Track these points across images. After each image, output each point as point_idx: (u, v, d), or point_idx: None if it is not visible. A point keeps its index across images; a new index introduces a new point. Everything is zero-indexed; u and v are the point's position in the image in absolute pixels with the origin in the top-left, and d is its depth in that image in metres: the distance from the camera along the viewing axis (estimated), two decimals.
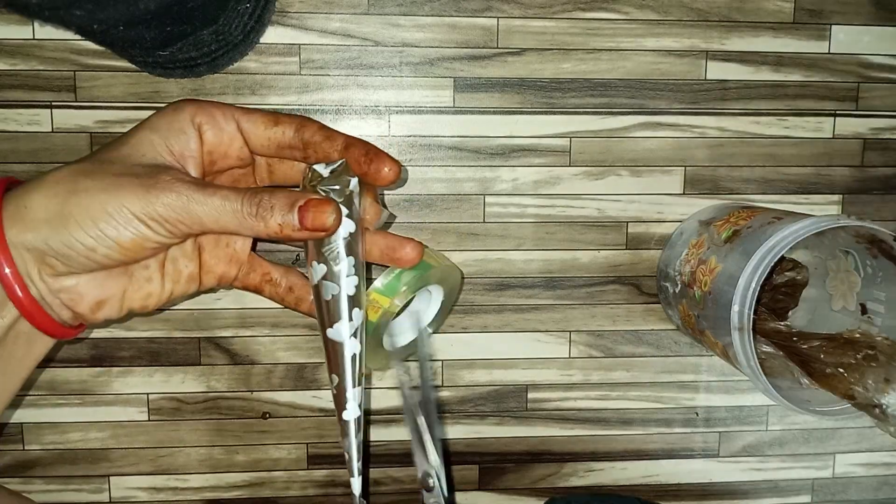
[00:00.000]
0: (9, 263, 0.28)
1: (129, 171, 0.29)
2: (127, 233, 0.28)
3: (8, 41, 0.41)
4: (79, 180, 0.28)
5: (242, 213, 0.29)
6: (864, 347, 0.41)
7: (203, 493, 0.47)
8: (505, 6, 0.44)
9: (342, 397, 0.32)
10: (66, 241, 0.28)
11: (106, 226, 0.28)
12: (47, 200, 0.28)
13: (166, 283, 0.33)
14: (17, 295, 0.28)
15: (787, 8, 0.45)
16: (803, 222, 0.36)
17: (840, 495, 0.51)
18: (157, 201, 0.28)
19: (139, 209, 0.28)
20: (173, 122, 0.31)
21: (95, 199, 0.28)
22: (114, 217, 0.28)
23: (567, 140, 0.45)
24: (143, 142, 0.30)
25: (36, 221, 0.28)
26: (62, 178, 0.28)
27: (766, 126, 0.46)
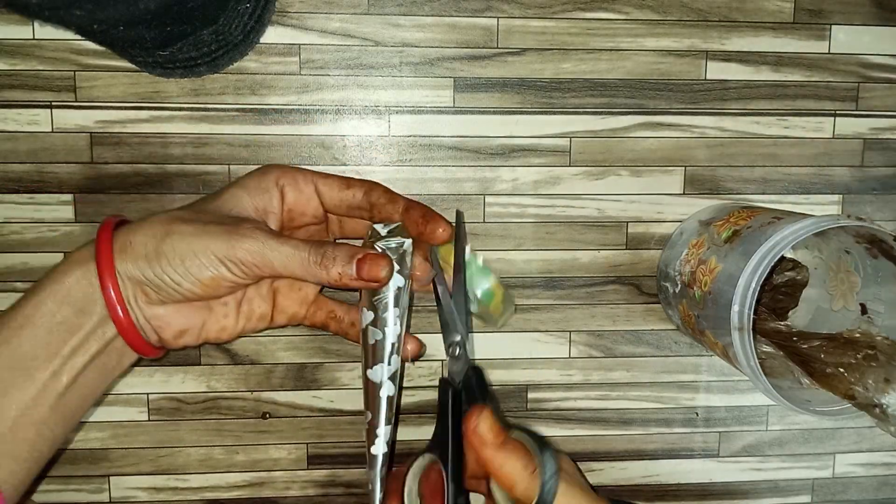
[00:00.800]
0: (115, 288, 0.32)
1: (217, 220, 0.34)
2: (208, 272, 0.33)
3: (8, 41, 0.41)
4: (174, 224, 0.33)
5: (308, 262, 0.33)
6: (865, 347, 0.41)
7: (203, 493, 0.47)
8: (505, 6, 0.44)
9: (373, 433, 0.37)
10: (158, 274, 0.32)
11: (191, 264, 0.32)
12: (146, 239, 0.33)
13: (240, 320, 0.37)
14: (118, 315, 0.32)
15: (787, 8, 0.45)
16: (803, 222, 0.36)
17: (840, 495, 0.51)
18: (238, 245, 0.32)
19: (221, 251, 0.32)
20: (260, 182, 0.36)
21: (185, 240, 0.32)
22: (198, 257, 0.32)
23: (567, 140, 0.45)
24: (233, 197, 0.36)
25: (137, 255, 0.32)
26: (161, 222, 0.33)
27: (766, 126, 0.46)
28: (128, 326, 0.33)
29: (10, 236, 0.43)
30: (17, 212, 0.43)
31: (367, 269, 0.34)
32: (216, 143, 0.43)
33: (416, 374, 0.47)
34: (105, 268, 0.32)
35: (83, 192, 0.43)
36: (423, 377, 0.47)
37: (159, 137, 0.43)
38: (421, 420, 0.47)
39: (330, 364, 0.46)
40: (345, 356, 0.46)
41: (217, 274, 0.33)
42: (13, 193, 0.43)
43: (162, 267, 0.32)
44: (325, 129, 0.44)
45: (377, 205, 0.37)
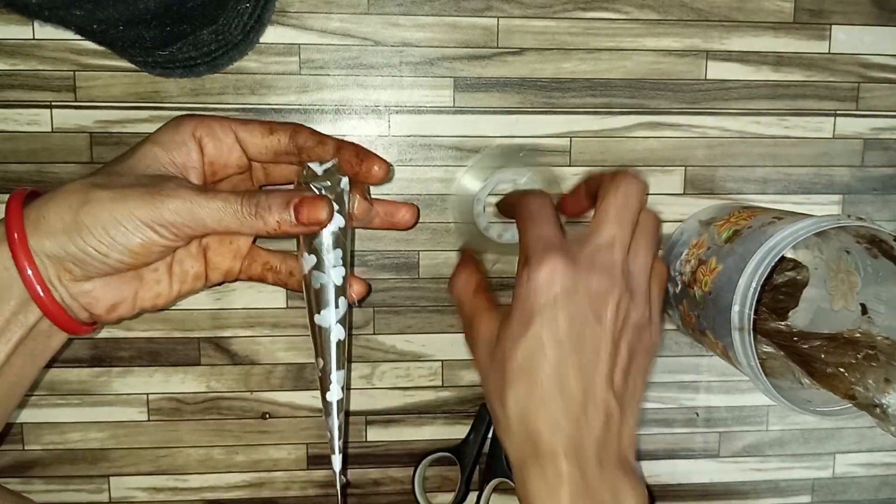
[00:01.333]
0: (32, 267, 0.30)
1: (135, 182, 0.31)
2: (136, 238, 0.30)
3: (8, 41, 0.41)
4: (89, 191, 0.30)
5: (242, 214, 0.31)
6: (865, 347, 0.41)
7: (203, 493, 0.47)
8: (505, 6, 0.44)
9: (326, 380, 0.36)
10: (81, 248, 0.30)
11: (116, 233, 0.30)
12: (62, 211, 0.30)
13: (174, 284, 0.35)
14: (39, 296, 0.30)
15: (788, 8, 0.45)
16: (803, 222, 0.36)
17: (840, 495, 0.51)
18: (163, 207, 0.30)
19: (146, 216, 0.30)
20: (175, 135, 0.34)
21: (105, 208, 0.30)
22: (123, 224, 0.30)
23: (567, 140, 0.45)
24: (147, 155, 0.33)
25: (53, 230, 0.30)
26: (75, 190, 0.30)
27: (766, 126, 0.46)
28: (53, 308, 0.31)
29: None
30: None
31: (307, 213, 0.32)
32: None
33: (416, 374, 0.47)
34: (19, 247, 0.30)
35: None
36: (422, 377, 0.47)
37: None
38: (421, 420, 0.47)
39: None
40: None
41: (146, 240, 0.31)
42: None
43: (84, 239, 0.30)
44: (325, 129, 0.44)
45: (305, 148, 0.35)
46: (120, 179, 0.31)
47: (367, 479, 0.47)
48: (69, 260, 0.30)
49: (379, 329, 0.46)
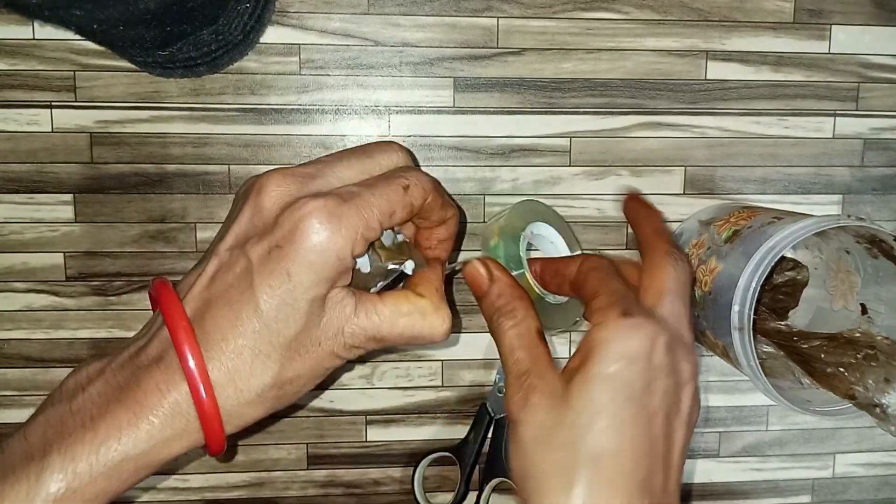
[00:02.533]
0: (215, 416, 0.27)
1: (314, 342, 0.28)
2: (329, 370, 0.30)
3: (8, 41, 0.41)
4: (285, 368, 0.28)
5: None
6: (865, 347, 0.41)
7: (203, 493, 0.47)
8: (505, 6, 0.44)
9: None
10: (279, 405, 0.29)
11: (314, 382, 0.30)
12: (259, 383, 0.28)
13: None
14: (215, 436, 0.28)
15: (788, 8, 0.45)
16: (803, 222, 0.36)
17: (840, 495, 0.51)
18: (349, 343, 0.29)
19: (337, 362, 0.29)
20: (335, 274, 0.28)
21: (303, 378, 0.29)
22: (322, 372, 0.29)
23: (567, 140, 0.45)
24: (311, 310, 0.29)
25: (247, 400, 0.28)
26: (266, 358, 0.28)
27: (766, 126, 0.46)
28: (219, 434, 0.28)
29: (9, 236, 0.43)
30: (17, 212, 0.43)
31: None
32: (216, 143, 0.43)
33: (416, 374, 0.47)
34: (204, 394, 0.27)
35: (83, 192, 0.43)
36: (422, 377, 0.47)
37: (159, 137, 0.43)
38: (421, 420, 0.47)
39: None
40: None
41: (337, 366, 0.30)
42: (13, 193, 0.43)
43: (287, 397, 0.29)
44: (325, 129, 0.44)
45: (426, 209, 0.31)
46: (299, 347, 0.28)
47: (367, 479, 0.47)
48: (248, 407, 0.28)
49: None
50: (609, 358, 0.27)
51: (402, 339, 0.30)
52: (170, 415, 0.26)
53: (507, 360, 0.30)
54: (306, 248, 0.27)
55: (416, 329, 0.30)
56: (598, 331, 0.27)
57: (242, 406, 0.28)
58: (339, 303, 0.28)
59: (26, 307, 0.44)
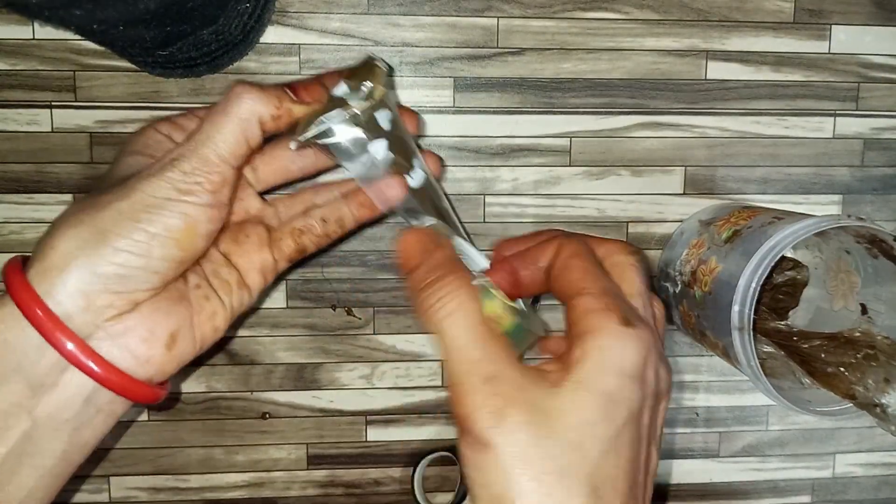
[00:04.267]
0: (51, 319, 0.24)
1: (136, 174, 0.27)
2: (174, 219, 0.26)
3: (8, 41, 0.41)
4: (96, 200, 0.26)
5: (263, 99, 0.28)
6: (865, 347, 0.41)
7: (203, 493, 0.47)
8: (505, 6, 0.44)
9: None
10: (114, 258, 0.25)
11: (150, 222, 0.26)
12: (74, 230, 0.25)
13: (223, 297, 0.31)
14: (85, 364, 0.25)
15: (788, 8, 0.45)
16: (804, 222, 0.36)
17: (840, 495, 0.51)
18: (173, 170, 0.26)
19: (166, 189, 0.26)
20: (145, 139, 0.30)
21: (123, 203, 0.26)
22: (153, 210, 0.26)
23: (567, 140, 0.45)
24: (126, 163, 0.29)
25: (69, 256, 0.25)
26: (77, 209, 0.26)
27: (766, 126, 0.46)
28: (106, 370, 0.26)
29: (9, 236, 0.43)
30: (17, 212, 0.43)
31: (304, 91, 0.29)
32: None
33: (416, 374, 0.47)
34: (30, 301, 0.24)
35: (83, 192, 0.43)
36: (422, 377, 0.47)
37: None
38: (421, 420, 0.47)
39: (330, 364, 0.46)
40: (345, 356, 0.46)
41: (185, 215, 0.26)
42: (13, 193, 0.43)
43: (115, 245, 0.25)
44: None
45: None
46: (116, 184, 0.27)
47: (367, 479, 0.47)
48: (103, 286, 0.25)
49: (379, 329, 0.46)
50: (608, 371, 0.23)
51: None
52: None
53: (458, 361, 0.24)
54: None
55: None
56: (592, 338, 0.23)
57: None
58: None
59: None
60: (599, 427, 0.23)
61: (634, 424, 0.23)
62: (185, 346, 0.29)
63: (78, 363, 0.25)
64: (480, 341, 0.24)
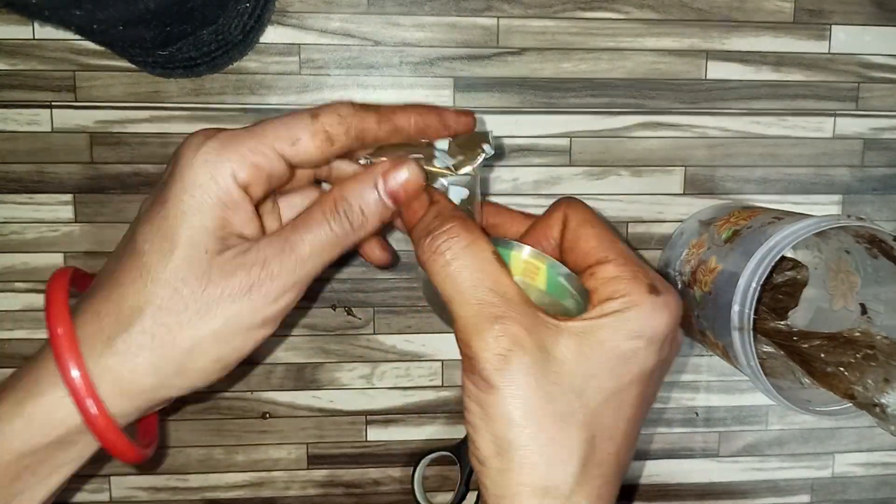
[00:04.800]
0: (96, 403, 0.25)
1: (215, 291, 0.26)
2: (247, 344, 0.27)
3: (8, 41, 0.41)
4: (174, 336, 0.25)
5: (337, 236, 0.26)
6: (864, 347, 0.41)
7: (203, 493, 0.47)
8: (505, 6, 0.44)
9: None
10: (185, 387, 0.26)
11: (225, 354, 0.26)
12: (149, 362, 0.25)
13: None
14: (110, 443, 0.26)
15: (788, 8, 0.45)
16: (804, 222, 0.36)
17: (839, 495, 0.51)
18: (266, 299, 0.26)
19: (256, 319, 0.26)
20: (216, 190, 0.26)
21: (210, 342, 0.25)
22: (233, 338, 0.26)
23: (567, 140, 0.45)
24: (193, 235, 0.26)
25: (139, 388, 0.25)
26: (152, 338, 0.25)
27: (766, 126, 0.46)
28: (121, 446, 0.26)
29: (10, 236, 0.43)
30: (17, 212, 0.43)
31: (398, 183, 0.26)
32: None
33: (416, 374, 0.47)
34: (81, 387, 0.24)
35: (83, 192, 0.43)
36: (422, 377, 0.47)
37: (159, 137, 0.43)
38: (421, 420, 0.47)
39: (330, 364, 0.46)
40: (345, 356, 0.46)
41: (259, 339, 0.27)
42: (13, 193, 0.43)
43: (187, 381, 0.26)
44: None
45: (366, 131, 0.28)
46: (192, 305, 0.25)
47: (367, 479, 0.47)
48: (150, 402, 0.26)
49: (379, 329, 0.46)
50: (626, 332, 0.23)
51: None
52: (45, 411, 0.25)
53: (464, 303, 0.23)
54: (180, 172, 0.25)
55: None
56: (616, 303, 0.23)
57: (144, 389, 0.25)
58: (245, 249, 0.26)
59: (27, 307, 0.44)
60: (604, 380, 0.23)
61: (642, 385, 0.24)
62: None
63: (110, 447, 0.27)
64: (489, 281, 0.23)
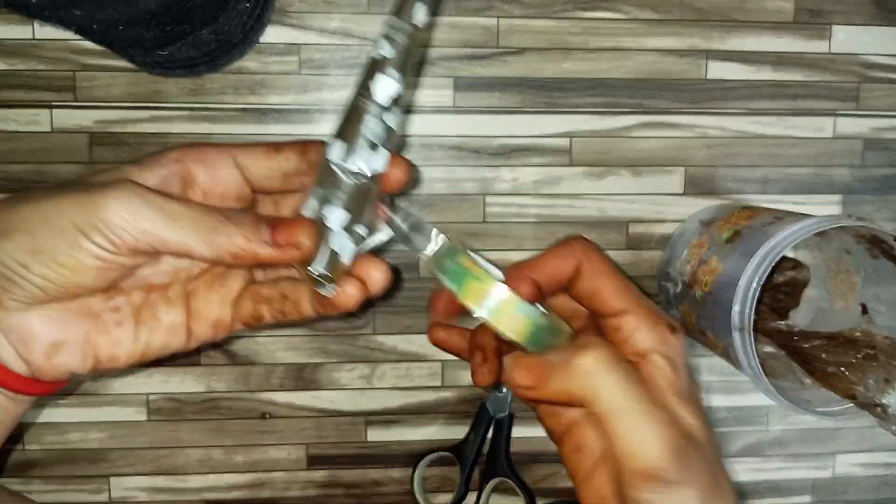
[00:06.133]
0: None
1: (85, 183, 0.26)
2: (62, 245, 0.24)
3: (8, 41, 0.41)
4: (31, 193, 0.25)
5: (203, 224, 0.26)
6: (865, 347, 0.41)
7: (203, 493, 0.47)
8: (505, 5, 0.44)
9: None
10: (1, 257, 0.24)
11: (42, 238, 0.24)
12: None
13: (141, 331, 0.28)
14: None
15: (788, 8, 0.45)
16: (804, 222, 0.36)
17: (840, 495, 0.51)
18: (104, 203, 0.24)
19: (80, 216, 0.24)
20: (158, 159, 0.27)
21: (38, 207, 0.25)
22: (51, 226, 0.24)
23: (567, 140, 0.45)
24: (117, 169, 0.27)
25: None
26: (12, 198, 0.25)
27: (766, 126, 0.46)
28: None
29: None
30: None
31: (285, 235, 0.26)
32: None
33: (416, 374, 0.47)
34: None
35: None
36: (422, 377, 0.47)
37: (159, 137, 0.43)
38: (421, 420, 0.47)
39: (330, 364, 0.46)
40: (345, 356, 0.46)
41: (73, 247, 0.24)
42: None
43: (4, 246, 0.24)
44: (325, 129, 0.44)
45: (318, 163, 0.28)
46: (65, 185, 0.26)
47: (368, 479, 0.47)
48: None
49: (379, 329, 0.46)
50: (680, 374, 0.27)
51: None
52: None
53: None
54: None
55: None
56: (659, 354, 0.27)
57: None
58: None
59: None
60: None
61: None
62: (70, 359, 0.27)
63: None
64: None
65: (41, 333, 0.26)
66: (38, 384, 0.27)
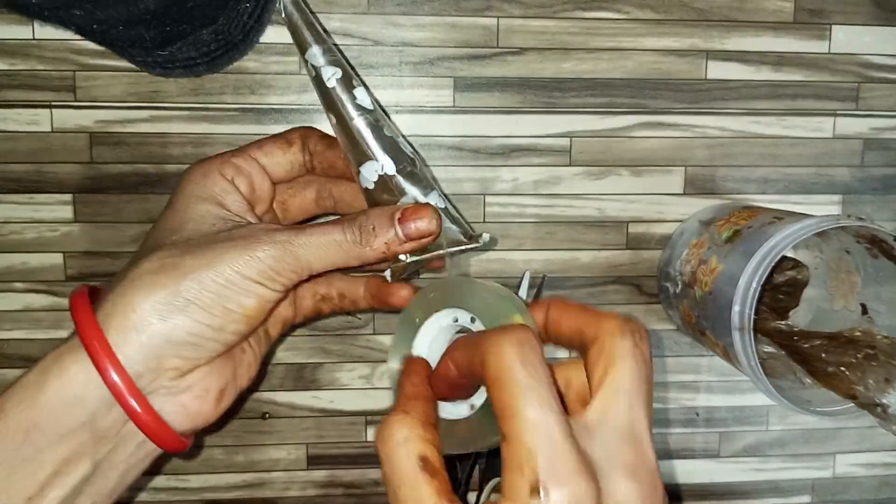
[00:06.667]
0: (121, 376, 0.26)
1: (220, 239, 0.28)
2: (249, 299, 0.27)
3: (8, 41, 0.41)
4: (178, 265, 0.27)
5: (347, 243, 0.28)
6: (865, 347, 0.41)
7: (203, 493, 0.47)
8: (505, 5, 0.44)
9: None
10: (191, 329, 0.27)
11: (228, 299, 0.27)
12: (155, 294, 0.26)
13: (254, 348, 0.32)
14: (136, 411, 0.26)
15: (788, 8, 0.45)
16: (804, 222, 0.36)
17: (840, 495, 0.51)
18: (265, 256, 0.27)
19: (253, 271, 0.27)
20: (211, 185, 0.30)
21: (207, 275, 0.27)
22: (233, 287, 0.27)
23: (567, 140, 0.45)
24: (201, 215, 0.29)
25: (149, 321, 0.26)
26: (158, 266, 0.27)
27: (766, 126, 0.46)
28: (151, 421, 0.27)
29: (9, 236, 0.43)
30: (17, 212, 0.43)
31: (414, 225, 0.28)
32: (216, 142, 0.43)
33: None
34: (102, 355, 0.25)
35: (83, 192, 0.43)
36: None
37: (159, 137, 0.43)
38: None
39: (330, 364, 0.46)
40: (345, 356, 0.46)
41: (259, 297, 0.27)
42: (13, 193, 0.43)
43: (195, 317, 0.26)
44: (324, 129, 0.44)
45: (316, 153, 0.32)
46: (199, 246, 0.27)
47: (367, 479, 0.47)
48: (175, 353, 0.27)
49: (379, 329, 0.46)
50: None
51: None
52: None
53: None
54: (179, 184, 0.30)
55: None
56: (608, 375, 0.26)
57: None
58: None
59: (26, 307, 0.44)
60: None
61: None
62: (230, 398, 0.31)
63: (139, 422, 0.27)
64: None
65: (213, 383, 0.29)
66: (187, 439, 0.30)
